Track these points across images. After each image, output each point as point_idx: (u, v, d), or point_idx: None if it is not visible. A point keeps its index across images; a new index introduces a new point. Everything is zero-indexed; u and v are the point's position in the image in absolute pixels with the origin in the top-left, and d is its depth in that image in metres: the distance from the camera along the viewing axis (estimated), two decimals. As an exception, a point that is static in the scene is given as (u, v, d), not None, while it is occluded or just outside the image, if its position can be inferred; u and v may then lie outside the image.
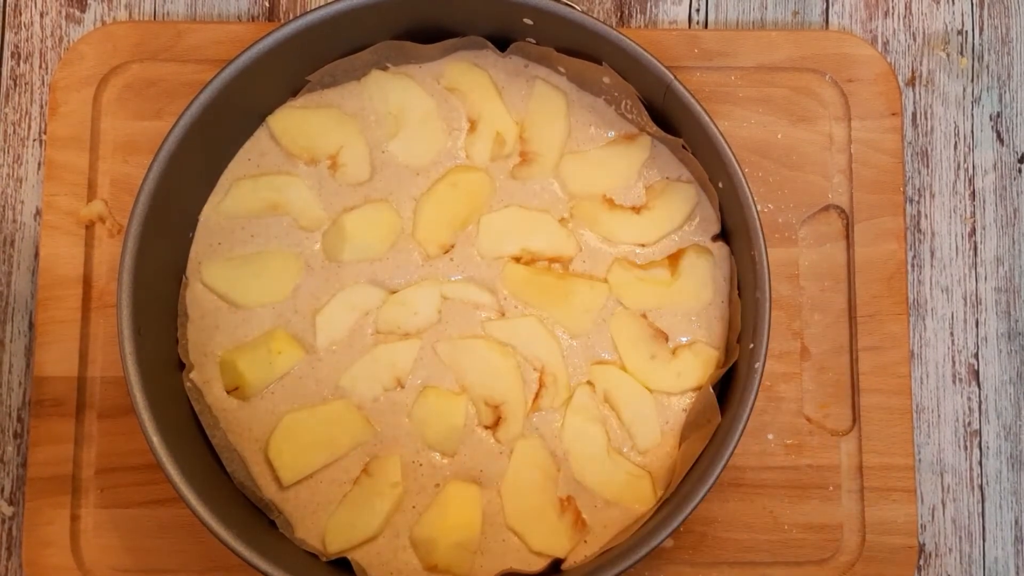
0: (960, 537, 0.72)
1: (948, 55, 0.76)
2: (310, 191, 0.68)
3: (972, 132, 0.75)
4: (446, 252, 0.68)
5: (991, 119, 0.76)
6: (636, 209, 0.69)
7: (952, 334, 0.73)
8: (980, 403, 0.73)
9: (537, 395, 0.67)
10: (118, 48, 0.72)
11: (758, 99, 0.73)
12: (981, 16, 0.76)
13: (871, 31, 0.76)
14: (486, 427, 0.67)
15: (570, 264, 0.68)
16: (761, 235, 0.62)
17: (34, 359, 0.70)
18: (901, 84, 0.75)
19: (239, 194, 0.68)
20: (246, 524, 0.63)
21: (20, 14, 0.75)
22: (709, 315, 0.68)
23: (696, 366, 0.67)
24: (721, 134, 0.63)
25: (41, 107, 0.74)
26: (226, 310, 0.67)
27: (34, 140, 0.74)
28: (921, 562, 0.71)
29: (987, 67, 0.76)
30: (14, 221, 0.73)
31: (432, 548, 0.65)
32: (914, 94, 0.75)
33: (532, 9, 0.64)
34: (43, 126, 0.74)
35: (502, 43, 0.68)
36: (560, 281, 0.68)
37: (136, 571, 0.68)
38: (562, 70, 0.69)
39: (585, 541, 0.65)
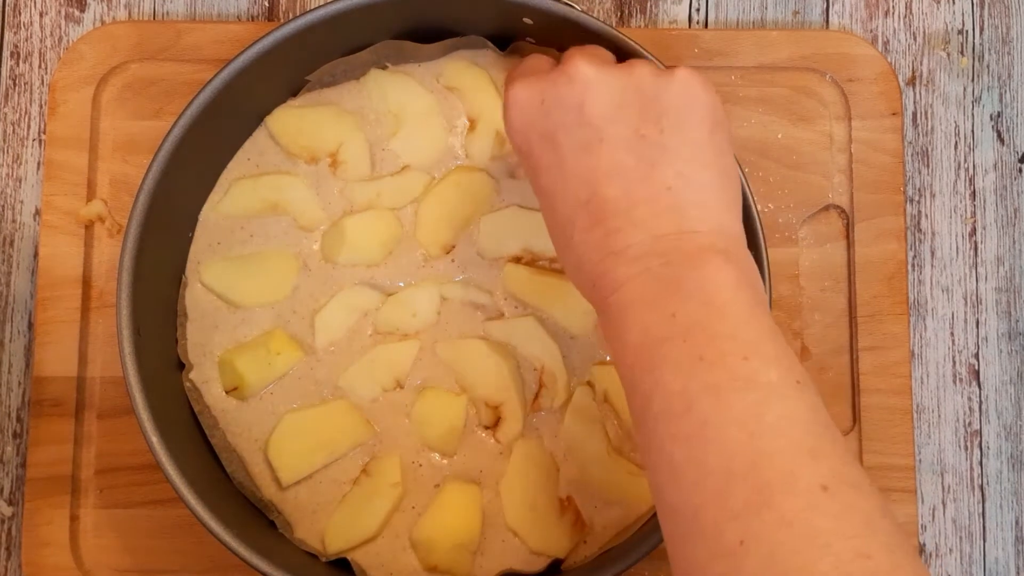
0: (960, 537, 0.72)
1: (948, 55, 0.76)
2: (309, 191, 0.68)
3: (972, 132, 0.75)
4: (448, 252, 0.68)
5: (991, 119, 0.75)
6: (636, 209, 0.69)
7: (952, 334, 0.73)
8: (980, 403, 0.73)
9: (537, 395, 0.67)
10: (118, 48, 0.72)
11: (758, 99, 0.72)
12: (981, 16, 0.76)
13: (871, 31, 0.76)
14: (486, 427, 0.67)
15: (570, 264, 0.68)
16: (761, 235, 0.62)
17: (33, 359, 0.70)
18: (901, 84, 0.75)
19: (238, 194, 0.68)
20: (246, 524, 0.63)
21: (19, 14, 0.75)
22: (709, 315, 0.68)
23: (696, 366, 0.67)
24: (721, 134, 0.63)
25: (40, 107, 0.74)
26: (225, 310, 0.67)
27: (33, 140, 0.74)
28: (921, 562, 0.71)
29: (987, 67, 0.76)
30: (13, 221, 0.73)
31: (432, 548, 0.65)
32: (914, 94, 0.75)
33: (532, 9, 0.64)
34: (42, 126, 0.74)
35: (502, 42, 0.68)
36: (560, 281, 0.67)
37: (136, 571, 0.68)
38: (562, 70, 0.69)
39: (585, 541, 0.65)
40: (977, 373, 0.73)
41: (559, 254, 0.53)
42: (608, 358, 0.67)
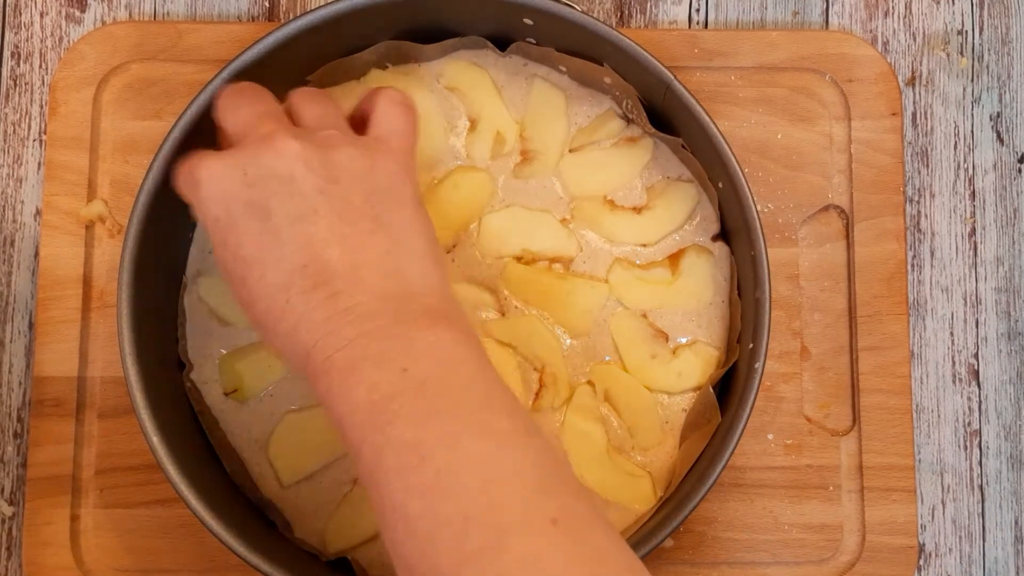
0: (960, 537, 0.72)
1: (948, 55, 0.76)
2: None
3: (972, 132, 0.75)
4: (448, 252, 0.68)
5: (991, 119, 0.76)
6: (637, 209, 0.69)
7: (952, 334, 0.73)
8: (980, 403, 0.73)
9: (537, 395, 0.67)
10: (118, 48, 0.72)
11: (758, 99, 0.73)
12: (981, 16, 0.76)
13: (871, 31, 0.76)
14: (486, 427, 0.67)
15: (571, 264, 0.68)
16: (761, 235, 0.62)
17: (34, 359, 0.70)
18: (901, 84, 0.75)
19: (239, 194, 0.68)
20: (246, 524, 0.63)
21: (20, 14, 0.75)
22: (709, 315, 0.68)
23: (696, 366, 0.67)
24: (721, 134, 0.63)
25: (41, 107, 0.74)
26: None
27: (34, 140, 0.74)
28: (921, 562, 0.71)
29: (987, 67, 0.76)
30: (14, 221, 0.73)
31: (432, 548, 0.65)
32: (914, 94, 0.76)
33: (532, 9, 0.64)
34: (43, 126, 0.74)
35: (502, 43, 0.68)
36: (561, 281, 0.68)
37: (136, 571, 0.68)
38: (563, 69, 0.69)
39: (585, 541, 0.65)
40: (977, 373, 0.73)
41: (265, 323, 0.51)
42: (608, 358, 0.68)
